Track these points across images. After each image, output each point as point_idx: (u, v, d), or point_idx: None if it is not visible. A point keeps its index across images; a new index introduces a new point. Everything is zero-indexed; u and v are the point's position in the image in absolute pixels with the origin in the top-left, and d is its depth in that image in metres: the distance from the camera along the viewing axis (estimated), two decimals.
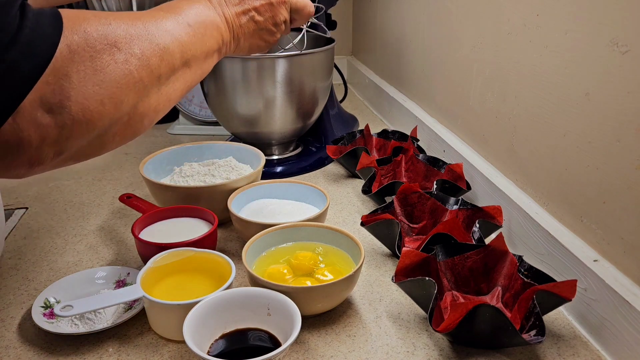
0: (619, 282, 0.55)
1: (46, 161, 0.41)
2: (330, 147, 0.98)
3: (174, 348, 0.57)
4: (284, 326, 0.54)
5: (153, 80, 0.46)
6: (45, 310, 0.61)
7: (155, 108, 0.48)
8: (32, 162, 0.40)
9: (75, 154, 0.43)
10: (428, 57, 1.06)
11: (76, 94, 0.40)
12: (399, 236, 0.70)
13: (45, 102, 0.38)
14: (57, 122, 0.39)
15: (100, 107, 0.41)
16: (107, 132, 0.44)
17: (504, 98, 0.77)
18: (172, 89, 0.49)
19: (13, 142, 0.38)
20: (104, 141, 0.45)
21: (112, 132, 0.45)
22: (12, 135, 0.37)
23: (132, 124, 0.46)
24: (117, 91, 0.42)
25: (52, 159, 0.41)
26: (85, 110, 0.40)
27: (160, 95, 0.48)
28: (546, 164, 0.68)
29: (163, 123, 1.31)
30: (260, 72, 0.90)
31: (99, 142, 0.44)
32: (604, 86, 0.56)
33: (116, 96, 0.42)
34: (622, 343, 0.53)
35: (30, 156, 0.39)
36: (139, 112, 0.46)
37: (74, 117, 0.40)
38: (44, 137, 0.39)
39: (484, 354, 0.56)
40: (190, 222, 0.74)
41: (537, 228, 0.67)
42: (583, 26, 0.59)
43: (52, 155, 0.41)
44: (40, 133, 0.38)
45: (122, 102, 0.43)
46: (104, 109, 0.42)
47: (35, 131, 0.38)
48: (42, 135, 0.39)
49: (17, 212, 0.87)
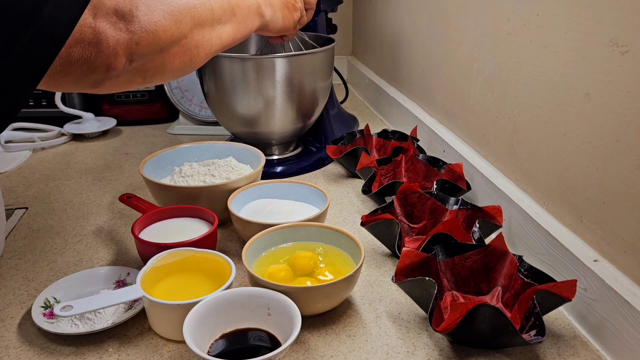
0: (618, 282, 0.55)
1: (119, 67, 0.47)
2: (330, 147, 0.98)
3: (174, 348, 0.57)
4: (284, 326, 0.54)
5: (206, 10, 0.56)
6: (45, 310, 0.61)
7: (208, 41, 0.57)
8: (109, 65, 0.46)
9: (142, 67, 0.50)
10: (428, 57, 1.06)
11: (143, 6, 0.48)
12: (399, 236, 0.70)
13: (119, 10, 0.46)
14: (128, 28, 0.46)
15: (162, 20, 0.50)
16: (169, 50, 0.52)
17: (504, 98, 0.77)
18: (221, 30, 0.59)
19: (94, 42, 0.44)
20: (165, 60, 0.52)
21: (173, 52, 0.52)
22: (93, 36, 0.44)
23: (189, 49, 0.55)
24: (176, 11, 0.51)
25: (124, 65, 0.48)
26: (151, 21, 0.48)
27: (213, 31, 0.58)
28: (546, 164, 0.68)
29: (163, 123, 1.31)
30: (260, 72, 0.90)
31: (161, 60, 0.52)
32: (604, 86, 0.57)
33: (175, 15, 0.51)
34: (622, 343, 0.53)
35: (107, 58, 0.46)
36: (195, 40, 0.55)
37: (142, 25, 0.48)
38: (118, 39, 0.46)
39: (484, 354, 0.56)
40: (190, 222, 0.74)
41: (537, 228, 0.67)
42: (583, 26, 0.59)
43: (125, 62, 0.47)
44: (115, 35, 0.45)
45: (181, 21, 0.52)
46: (166, 23, 0.50)
47: (111, 33, 0.45)
48: (116, 37, 0.46)
49: (17, 212, 0.87)
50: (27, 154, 1.12)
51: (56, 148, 1.17)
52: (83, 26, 0.43)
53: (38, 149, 1.16)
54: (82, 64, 0.44)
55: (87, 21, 0.43)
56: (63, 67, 0.43)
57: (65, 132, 1.21)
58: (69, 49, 0.43)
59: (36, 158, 1.11)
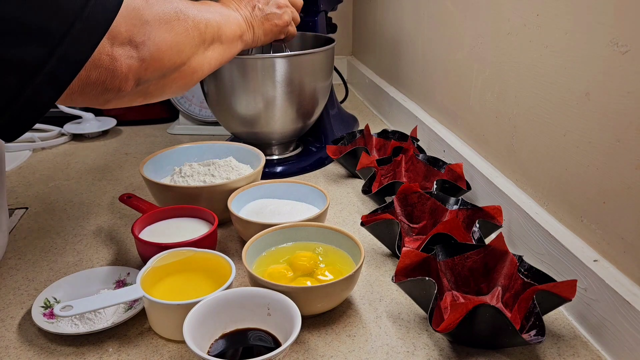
0: (619, 282, 0.55)
1: (127, 89, 0.52)
2: (330, 147, 0.98)
3: (174, 348, 0.57)
4: (284, 326, 0.54)
5: (201, 40, 0.62)
6: (45, 310, 0.61)
7: (201, 67, 0.64)
8: (120, 88, 0.51)
9: (145, 89, 0.56)
10: (428, 57, 1.06)
11: (154, 36, 0.53)
12: (399, 236, 0.70)
13: (133, 40, 0.51)
14: (139, 56, 0.52)
15: (168, 49, 0.56)
16: (169, 75, 0.58)
17: (503, 98, 0.77)
18: (211, 55, 0.66)
19: (110, 67, 0.49)
20: (165, 84, 0.59)
21: (172, 77, 0.59)
22: (110, 63, 0.49)
23: (186, 75, 0.61)
24: (180, 42, 0.58)
25: (132, 88, 0.53)
26: (159, 50, 0.54)
27: (205, 57, 0.64)
28: (546, 164, 0.68)
29: (163, 123, 1.31)
30: (260, 72, 0.90)
31: (162, 84, 0.58)
32: (604, 86, 0.56)
33: (179, 45, 0.58)
34: (622, 343, 0.53)
35: (119, 82, 0.51)
36: (192, 66, 0.62)
37: (151, 54, 0.53)
38: (130, 66, 0.51)
39: (484, 354, 0.56)
40: (190, 222, 0.74)
41: (537, 228, 0.67)
42: (583, 26, 0.59)
43: (133, 85, 0.52)
44: (128, 62, 0.51)
45: (182, 51, 0.58)
46: (171, 52, 0.56)
47: (125, 60, 0.50)
48: (129, 64, 0.51)
49: (17, 212, 0.87)
50: (27, 154, 1.12)
51: (56, 148, 1.17)
52: (101, 52, 0.48)
53: (38, 149, 1.16)
54: (98, 86, 0.49)
55: (105, 48, 0.48)
56: (80, 87, 0.48)
57: (65, 132, 1.21)
58: (88, 72, 0.48)
59: (36, 158, 1.11)
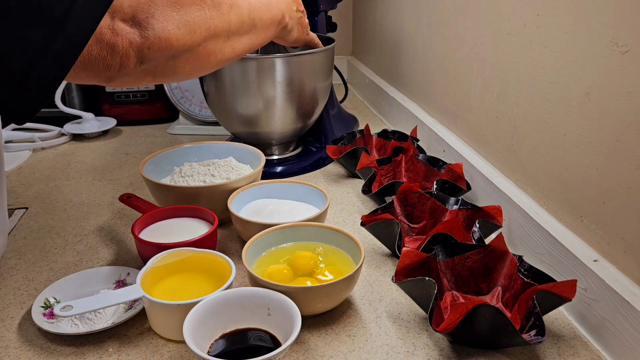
0: (619, 282, 0.55)
1: (130, 66, 0.51)
2: (330, 147, 0.98)
3: (174, 348, 0.57)
4: (284, 326, 0.54)
5: (223, 23, 0.58)
6: (45, 310, 0.61)
7: (221, 50, 0.59)
8: (122, 64, 0.50)
9: (153, 69, 0.53)
10: (428, 57, 1.06)
11: (160, 14, 0.51)
12: (399, 236, 0.70)
13: (136, 16, 0.49)
14: (142, 33, 0.50)
15: (176, 29, 0.52)
16: (180, 57, 0.54)
17: (503, 98, 0.77)
18: (238, 41, 0.62)
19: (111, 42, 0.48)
20: (176, 65, 0.55)
21: (184, 58, 0.55)
22: (111, 38, 0.48)
23: (201, 57, 0.57)
24: (191, 21, 0.54)
25: (135, 66, 0.51)
26: (165, 29, 0.51)
27: (227, 42, 0.60)
28: (546, 164, 0.68)
29: (163, 123, 1.31)
30: (260, 72, 0.90)
31: (173, 65, 0.55)
32: (604, 86, 0.57)
33: (190, 25, 0.54)
34: (622, 343, 0.53)
35: (120, 57, 0.49)
36: (208, 48, 0.57)
37: (156, 32, 0.51)
38: (130, 42, 0.49)
39: (484, 354, 0.56)
40: (190, 222, 0.74)
41: (537, 228, 0.67)
42: (583, 26, 0.59)
43: (135, 62, 0.50)
44: (129, 38, 0.49)
45: (195, 32, 0.54)
46: (179, 32, 0.53)
47: (125, 36, 0.49)
48: (129, 40, 0.49)
49: (17, 212, 0.87)
50: (27, 154, 1.12)
51: (56, 148, 1.17)
52: (103, 27, 0.47)
53: (38, 149, 1.16)
54: (100, 62, 0.48)
55: (106, 23, 0.47)
56: (83, 63, 0.47)
57: (65, 132, 1.21)
58: (89, 48, 0.47)
59: (36, 158, 1.11)
